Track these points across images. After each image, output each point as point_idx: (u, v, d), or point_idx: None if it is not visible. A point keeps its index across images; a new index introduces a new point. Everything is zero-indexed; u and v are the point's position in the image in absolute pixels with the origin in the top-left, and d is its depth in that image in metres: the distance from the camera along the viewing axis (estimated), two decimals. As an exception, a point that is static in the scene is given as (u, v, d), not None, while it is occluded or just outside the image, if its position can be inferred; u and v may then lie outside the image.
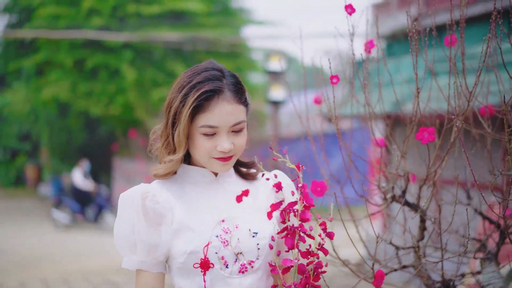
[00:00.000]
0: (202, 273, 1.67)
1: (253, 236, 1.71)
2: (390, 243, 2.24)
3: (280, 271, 1.67)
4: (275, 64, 12.92)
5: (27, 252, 10.34)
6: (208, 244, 1.67)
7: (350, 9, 1.99)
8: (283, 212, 1.69)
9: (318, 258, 1.65)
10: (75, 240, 12.15)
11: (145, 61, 16.21)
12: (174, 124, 1.71)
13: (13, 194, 21.96)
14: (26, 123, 22.09)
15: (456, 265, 2.40)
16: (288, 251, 1.68)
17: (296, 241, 1.65)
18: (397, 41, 8.34)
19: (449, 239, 2.51)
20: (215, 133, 1.69)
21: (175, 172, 1.81)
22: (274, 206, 1.71)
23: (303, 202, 1.68)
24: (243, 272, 1.70)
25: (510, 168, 2.12)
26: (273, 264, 1.71)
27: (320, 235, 1.65)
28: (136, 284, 1.75)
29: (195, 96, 1.66)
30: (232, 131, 1.71)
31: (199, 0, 16.33)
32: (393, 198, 2.20)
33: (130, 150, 16.18)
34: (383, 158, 2.31)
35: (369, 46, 2.18)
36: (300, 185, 1.69)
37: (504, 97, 1.46)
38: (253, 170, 1.89)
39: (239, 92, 1.72)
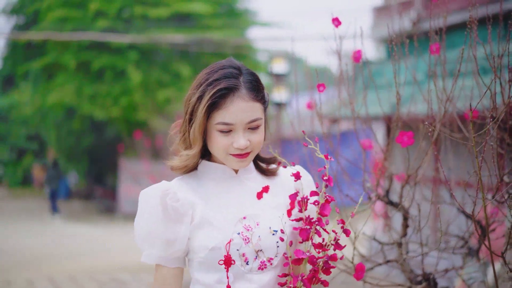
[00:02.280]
0: (226, 269, 1.71)
1: (273, 234, 1.73)
2: (374, 239, 2.37)
3: (291, 262, 1.68)
4: (279, 66, 13.05)
5: (32, 251, 10.44)
6: (230, 241, 1.70)
7: (336, 22, 2.11)
8: (302, 200, 1.71)
9: (330, 254, 1.65)
10: (77, 238, 12.27)
11: (151, 63, 16.33)
12: (191, 121, 1.75)
13: (20, 194, 22.15)
14: (33, 124, 22.23)
15: (446, 262, 2.53)
16: (301, 242, 1.71)
17: (311, 234, 1.68)
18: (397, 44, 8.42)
19: (435, 237, 2.64)
20: (231, 130, 1.72)
21: (196, 168, 1.84)
22: (292, 197, 1.74)
23: (325, 195, 1.70)
24: (262, 269, 1.73)
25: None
26: (288, 255, 1.72)
27: (334, 231, 1.67)
28: (155, 278, 1.79)
29: (211, 93, 1.69)
30: (248, 128, 1.73)
31: (204, 2, 16.42)
32: (378, 197, 2.33)
33: (136, 151, 16.35)
34: (370, 160, 2.44)
35: (357, 55, 2.31)
36: (325, 177, 1.70)
37: (471, 104, 1.59)
38: (273, 166, 1.89)
39: (256, 90, 1.75)
